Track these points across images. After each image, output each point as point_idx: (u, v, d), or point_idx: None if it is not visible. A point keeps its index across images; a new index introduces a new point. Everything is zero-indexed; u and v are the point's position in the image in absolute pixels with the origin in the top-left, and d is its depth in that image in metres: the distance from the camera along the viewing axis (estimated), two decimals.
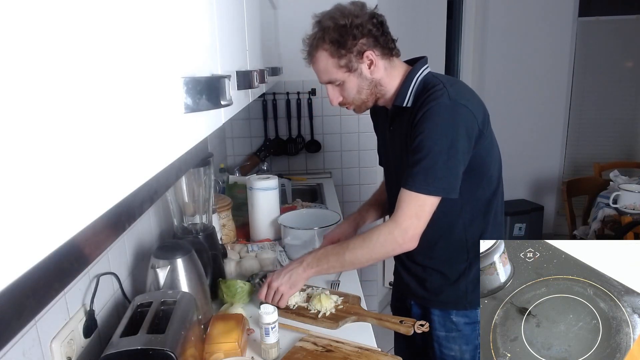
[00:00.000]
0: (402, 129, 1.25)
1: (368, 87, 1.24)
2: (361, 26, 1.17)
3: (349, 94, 1.24)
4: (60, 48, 0.26)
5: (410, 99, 1.23)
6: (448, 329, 1.35)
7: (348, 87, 1.23)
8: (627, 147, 4.06)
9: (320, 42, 1.19)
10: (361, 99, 1.26)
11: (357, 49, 1.18)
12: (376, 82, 1.24)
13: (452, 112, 1.14)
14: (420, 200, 1.14)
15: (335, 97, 1.26)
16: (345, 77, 1.21)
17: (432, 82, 1.21)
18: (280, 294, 1.28)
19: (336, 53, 1.18)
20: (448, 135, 1.13)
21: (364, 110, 1.32)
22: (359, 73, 1.21)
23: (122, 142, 0.34)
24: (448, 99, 1.14)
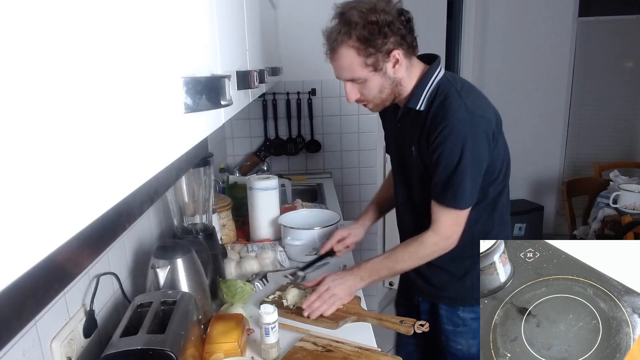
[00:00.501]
0: (414, 130, 1.25)
1: (390, 87, 1.21)
2: (392, 24, 1.12)
3: (369, 92, 1.21)
4: (60, 48, 0.26)
5: (424, 102, 1.22)
6: (455, 324, 1.37)
7: (370, 86, 1.19)
8: (627, 147, 4.06)
9: (345, 38, 1.13)
10: (381, 98, 1.23)
11: (386, 48, 1.14)
12: (398, 81, 1.21)
13: (472, 125, 1.15)
14: (455, 214, 1.21)
15: (354, 94, 1.22)
16: (370, 75, 1.17)
17: (448, 89, 1.19)
18: (336, 298, 1.28)
19: (364, 52, 1.14)
20: (472, 149, 1.15)
21: (380, 109, 1.30)
22: (383, 72, 1.18)
23: (122, 142, 0.34)
24: (466, 113, 1.14)
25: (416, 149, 1.25)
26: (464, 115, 1.14)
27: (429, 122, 1.19)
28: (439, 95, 1.20)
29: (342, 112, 2.81)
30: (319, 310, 1.27)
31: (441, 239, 1.23)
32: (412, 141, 1.26)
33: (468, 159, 1.14)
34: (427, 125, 1.19)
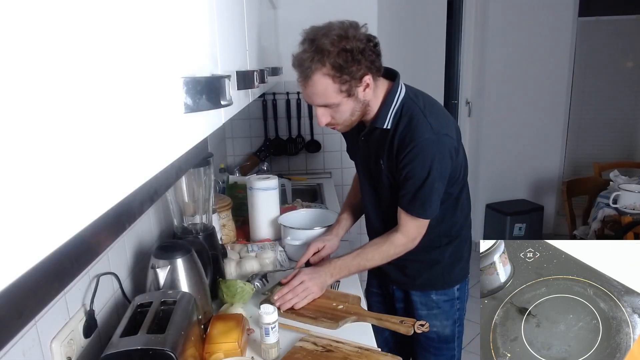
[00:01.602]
0: (381, 146, 1.32)
1: (360, 110, 1.26)
2: (364, 51, 1.16)
3: (341, 116, 1.25)
4: (61, 48, 0.26)
5: (390, 121, 1.28)
6: (429, 308, 1.48)
7: (343, 110, 1.23)
8: (627, 147, 4.06)
9: (319, 66, 1.15)
10: (351, 120, 1.28)
11: (359, 74, 1.18)
12: (366, 103, 1.26)
13: (438, 145, 1.24)
14: (421, 222, 1.33)
15: (325, 118, 1.26)
16: (343, 101, 1.20)
17: (412, 109, 1.27)
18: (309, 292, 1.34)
19: (339, 79, 1.16)
20: (438, 167, 1.24)
21: (346, 130, 1.34)
22: (355, 97, 1.21)
23: (122, 142, 0.34)
24: (433, 134, 1.23)
25: (384, 163, 1.33)
26: (431, 136, 1.22)
27: (397, 142, 1.26)
28: (404, 115, 1.27)
29: None
30: (291, 302, 1.32)
31: (409, 241, 1.34)
32: (380, 155, 1.34)
33: (435, 176, 1.24)
34: (396, 145, 1.27)
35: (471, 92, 3.92)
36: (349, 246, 1.85)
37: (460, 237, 1.48)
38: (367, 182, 1.47)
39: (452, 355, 1.53)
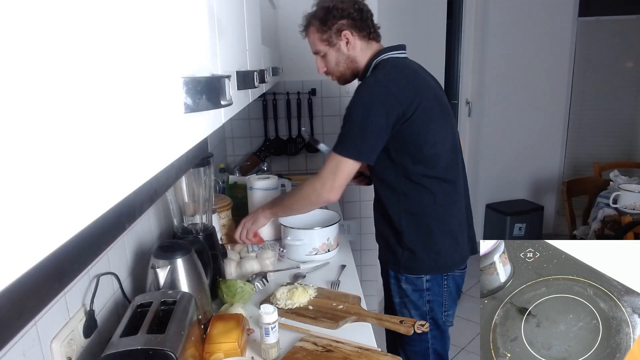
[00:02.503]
0: None
1: (344, 62, 1.50)
2: (342, 10, 1.43)
3: (330, 65, 1.52)
4: (61, 48, 0.26)
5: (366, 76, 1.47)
6: (401, 296, 1.54)
7: (329, 59, 1.50)
8: (627, 147, 4.06)
9: (311, 19, 1.48)
10: (339, 71, 1.52)
11: (337, 28, 1.44)
12: (352, 58, 1.49)
13: (371, 90, 1.36)
14: (336, 159, 1.39)
15: (320, 66, 1.54)
16: (326, 49, 1.48)
17: (382, 65, 1.44)
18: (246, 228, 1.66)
19: (320, 29, 1.46)
20: (364, 107, 1.35)
21: (343, 82, 1.57)
22: (337, 48, 1.47)
23: (122, 142, 0.34)
24: (373, 81, 1.38)
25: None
26: (370, 82, 1.39)
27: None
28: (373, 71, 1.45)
29: (342, 112, 2.80)
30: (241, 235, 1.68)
31: (318, 183, 1.42)
32: None
33: (358, 115, 1.35)
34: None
35: (471, 92, 3.92)
36: (349, 246, 1.85)
37: (429, 225, 1.48)
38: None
39: (426, 347, 1.53)
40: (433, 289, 1.50)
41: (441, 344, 1.55)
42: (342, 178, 1.40)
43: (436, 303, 1.51)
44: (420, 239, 1.48)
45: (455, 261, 1.53)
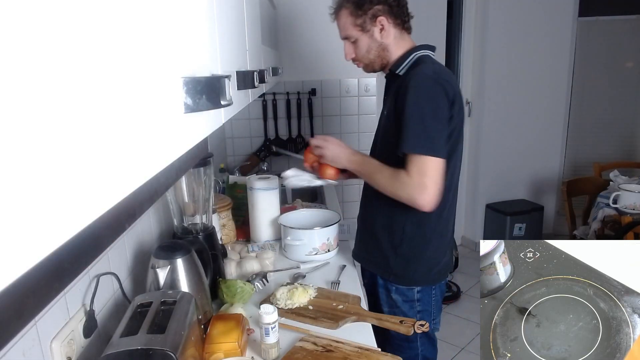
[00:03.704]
0: (390, 95, 1.41)
1: (376, 49, 1.41)
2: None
3: (359, 52, 1.42)
4: (60, 48, 0.26)
5: (404, 69, 1.40)
6: (390, 305, 1.50)
7: (360, 45, 1.41)
8: (627, 147, 4.06)
9: (344, 2, 1.39)
10: (369, 59, 1.43)
11: (372, 13, 1.36)
12: (384, 46, 1.41)
13: (433, 83, 1.29)
14: (423, 160, 1.26)
15: (349, 52, 1.45)
16: (358, 35, 1.39)
17: (424, 61, 1.38)
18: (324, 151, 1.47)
19: (354, 12, 1.37)
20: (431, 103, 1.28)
21: (370, 70, 1.48)
22: (370, 34, 1.39)
23: (122, 142, 0.34)
24: (432, 73, 1.32)
25: (387, 109, 1.42)
26: (429, 73, 1.31)
27: (402, 82, 1.34)
28: (414, 65, 1.38)
29: (342, 112, 2.81)
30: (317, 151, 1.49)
31: (411, 184, 1.26)
32: (385, 106, 1.45)
33: (427, 111, 1.27)
34: (400, 85, 1.35)
35: (471, 92, 3.92)
36: (349, 246, 1.85)
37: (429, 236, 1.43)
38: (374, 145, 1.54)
39: (415, 354, 1.51)
40: (423, 299, 1.48)
41: (431, 351, 1.53)
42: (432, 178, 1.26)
43: (426, 313, 1.49)
44: (417, 250, 1.44)
45: (446, 272, 1.52)
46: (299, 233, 1.66)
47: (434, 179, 1.26)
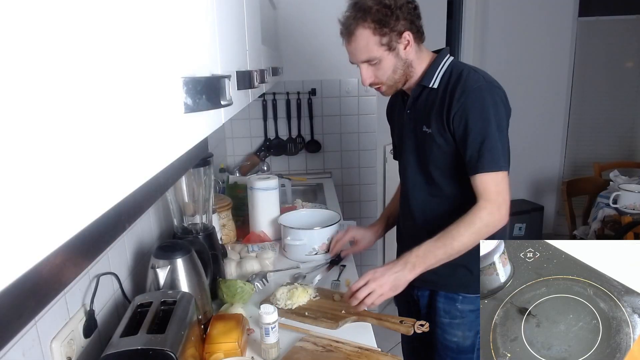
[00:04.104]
0: (426, 110, 1.30)
1: (402, 68, 1.28)
2: (402, 8, 1.23)
3: (384, 73, 1.28)
4: (60, 48, 0.26)
5: (437, 80, 1.29)
6: (452, 316, 1.39)
7: (385, 66, 1.27)
8: (627, 147, 4.06)
9: (360, 22, 1.22)
10: (395, 79, 1.30)
11: (398, 29, 1.23)
12: (409, 63, 1.29)
13: (490, 92, 1.23)
14: (498, 177, 1.21)
15: (368, 76, 1.29)
16: (384, 55, 1.25)
17: (462, 67, 1.28)
18: (377, 295, 1.21)
19: (379, 31, 1.22)
20: (495, 114, 1.21)
21: (392, 92, 1.36)
22: (396, 53, 1.26)
23: (122, 142, 0.34)
24: (484, 82, 1.23)
25: (433, 126, 1.29)
26: (482, 83, 1.23)
27: (447, 97, 1.25)
28: (454, 73, 1.27)
29: (342, 112, 2.81)
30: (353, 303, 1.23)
31: (494, 207, 1.21)
32: (426, 121, 1.31)
33: (494, 124, 1.20)
34: (447, 101, 1.24)
35: None
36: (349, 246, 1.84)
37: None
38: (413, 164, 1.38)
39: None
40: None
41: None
42: (508, 194, 1.23)
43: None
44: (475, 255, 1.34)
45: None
46: (299, 233, 1.66)
47: (508, 191, 1.23)
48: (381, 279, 1.21)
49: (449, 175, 1.32)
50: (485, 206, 1.21)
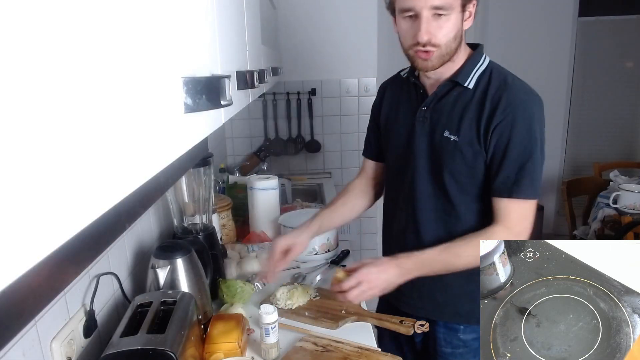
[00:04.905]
0: (455, 112, 1.13)
1: (459, 39, 1.09)
2: None
3: (447, 33, 1.05)
4: (60, 48, 0.26)
5: (473, 79, 1.12)
6: (455, 346, 1.27)
7: (451, 24, 1.05)
8: (627, 147, 4.06)
9: None
10: (450, 48, 1.08)
11: None
12: (460, 40, 1.10)
13: (539, 108, 1.10)
14: (528, 204, 1.11)
15: (429, 29, 1.04)
16: (457, 10, 1.04)
17: (505, 73, 1.13)
18: (367, 295, 1.15)
19: None
20: (541, 132, 1.09)
21: (438, 66, 1.10)
22: (462, 18, 1.07)
23: (122, 142, 0.34)
24: (533, 95, 1.10)
25: (458, 132, 1.12)
26: (532, 96, 1.09)
27: (489, 102, 1.09)
28: (494, 77, 1.12)
29: (342, 112, 2.81)
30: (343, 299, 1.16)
31: (512, 235, 1.11)
32: (449, 126, 1.13)
33: (540, 143, 1.08)
34: (488, 106, 1.08)
35: None
36: (349, 246, 1.84)
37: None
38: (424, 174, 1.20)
39: None
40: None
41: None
42: (532, 223, 1.13)
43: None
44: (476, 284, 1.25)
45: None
46: None
47: (532, 220, 1.13)
48: (374, 282, 1.13)
49: (468, 192, 1.16)
50: (504, 232, 1.11)
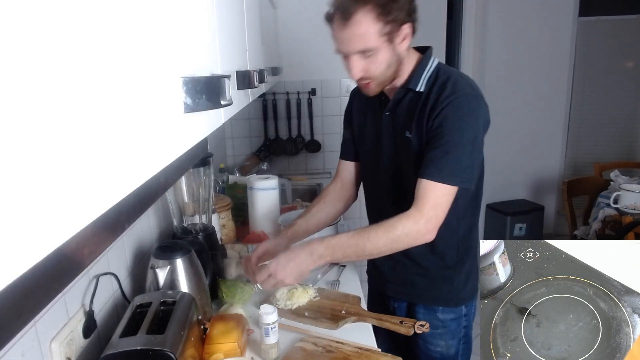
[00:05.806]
0: (409, 114, 1.20)
1: (395, 64, 1.15)
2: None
3: (378, 68, 1.13)
4: (59, 48, 0.26)
5: (424, 84, 1.19)
6: (434, 326, 1.32)
7: (380, 60, 1.11)
8: (628, 147, 4.06)
9: (362, 4, 1.06)
10: (386, 76, 1.16)
11: (400, 19, 1.09)
12: (401, 60, 1.16)
13: (476, 103, 1.14)
14: (445, 190, 1.12)
15: (359, 69, 1.12)
16: (382, 47, 1.10)
17: (449, 72, 1.19)
18: (281, 283, 1.18)
19: (383, 18, 1.06)
20: (473, 128, 1.13)
21: (378, 91, 1.20)
22: (393, 46, 1.12)
23: (122, 142, 0.34)
24: (472, 90, 1.15)
25: (413, 131, 1.19)
26: (469, 91, 1.14)
27: (431, 101, 1.15)
28: (440, 77, 1.18)
29: (342, 112, 2.80)
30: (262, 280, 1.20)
31: (422, 218, 1.11)
32: (407, 125, 1.21)
33: (469, 136, 1.12)
34: (430, 104, 1.15)
35: None
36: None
37: (476, 246, 1.31)
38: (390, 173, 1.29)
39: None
40: (469, 312, 1.37)
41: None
42: (446, 211, 1.13)
43: (469, 327, 1.38)
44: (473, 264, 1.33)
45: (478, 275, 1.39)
46: None
47: (445, 210, 1.13)
48: (285, 271, 1.15)
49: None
50: (414, 215, 1.11)
